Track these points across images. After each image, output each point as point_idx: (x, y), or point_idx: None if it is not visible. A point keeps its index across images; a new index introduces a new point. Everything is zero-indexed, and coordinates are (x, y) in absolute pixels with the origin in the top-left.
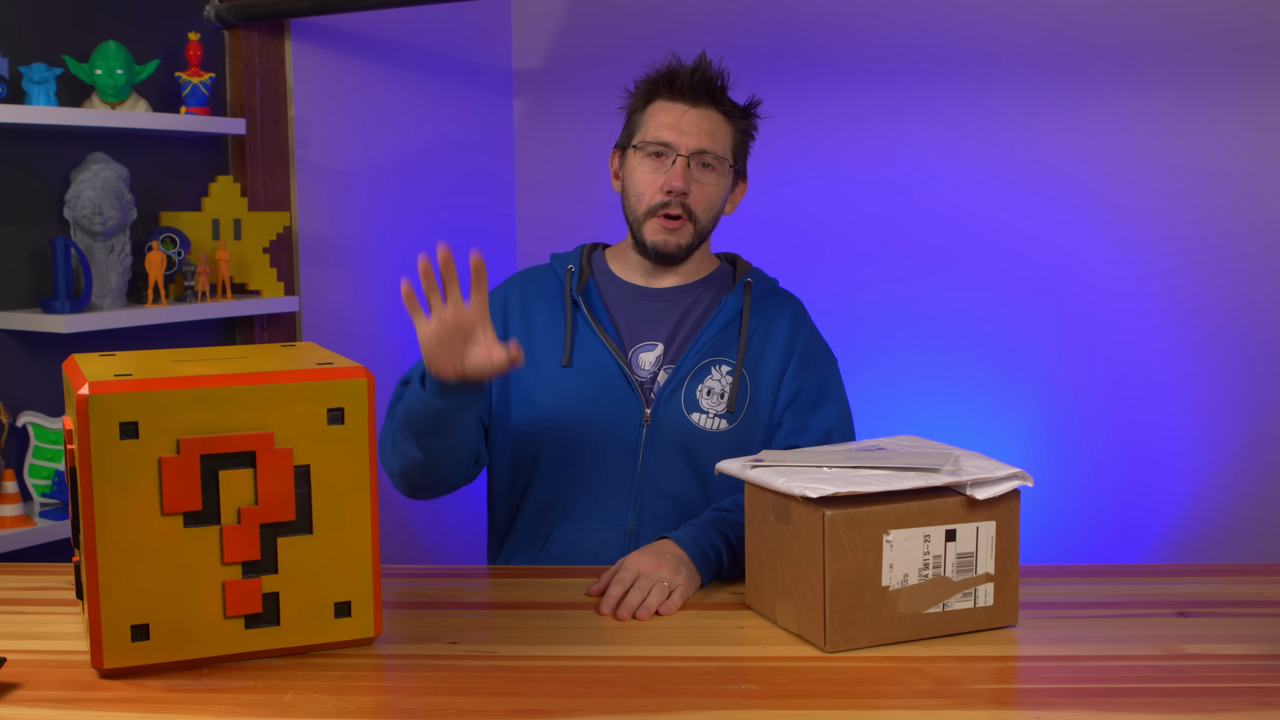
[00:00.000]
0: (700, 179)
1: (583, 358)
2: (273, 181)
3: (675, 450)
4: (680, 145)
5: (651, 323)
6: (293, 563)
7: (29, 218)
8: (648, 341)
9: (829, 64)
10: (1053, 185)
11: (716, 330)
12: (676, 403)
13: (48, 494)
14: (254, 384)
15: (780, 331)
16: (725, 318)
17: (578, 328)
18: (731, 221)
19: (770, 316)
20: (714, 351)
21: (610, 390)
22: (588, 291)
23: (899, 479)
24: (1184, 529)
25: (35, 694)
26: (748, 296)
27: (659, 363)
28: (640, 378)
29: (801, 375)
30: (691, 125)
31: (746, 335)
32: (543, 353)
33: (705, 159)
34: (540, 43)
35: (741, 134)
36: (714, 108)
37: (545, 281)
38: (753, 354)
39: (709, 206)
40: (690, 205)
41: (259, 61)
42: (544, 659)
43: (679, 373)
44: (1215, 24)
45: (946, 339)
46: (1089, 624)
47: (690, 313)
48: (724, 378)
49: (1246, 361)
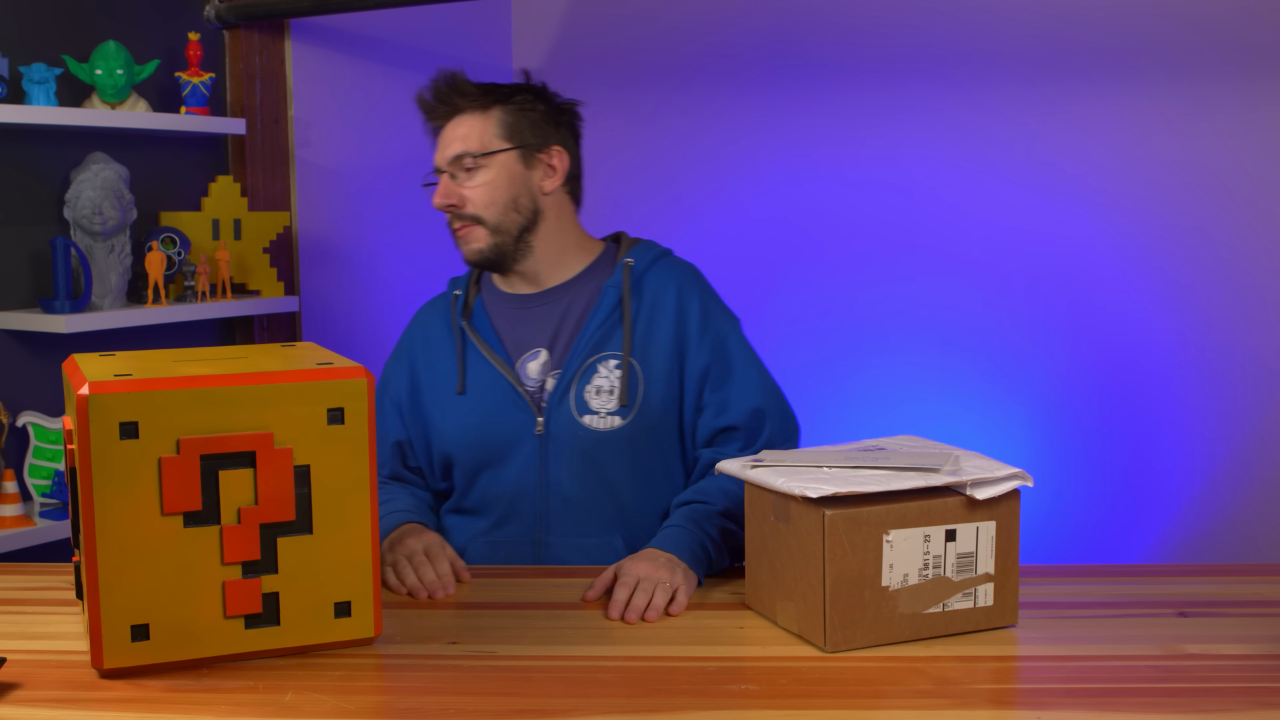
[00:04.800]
0: (467, 182)
1: (474, 381)
2: (273, 181)
3: (574, 457)
4: (440, 162)
5: (535, 329)
6: (293, 563)
7: (29, 218)
8: (533, 350)
9: (829, 64)
10: (1053, 185)
11: (599, 324)
12: (566, 408)
13: (48, 494)
14: (254, 384)
15: (667, 308)
16: (607, 308)
17: (467, 351)
18: (731, 221)
19: (654, 295)
20: (598, 347)
21: (503, 408)
22: (476, 313)
23: (899, 479)
24: (1184, 529)
25: (35, 694)
26: (627, 280)
27: (545, 369)
28: (529, 388)
29: (705, 347)
30: (446, 139)
31: (630, 322)
32: (443, 383)
33: (463, 163)
34: (540, 43)
35: (512, 113)
36: (461, 111)
37: (442, 310)
38: (640, 340)
39: (488, 203)
40: (469, 210)
41: (259, 61)
42: (544, 659)
43: (565, 376)
44: (1215, 24)
45: (946, 339)
46: (1089, 624)
47: (571, 311)
48: (612, 373)
49: (1246, 361)
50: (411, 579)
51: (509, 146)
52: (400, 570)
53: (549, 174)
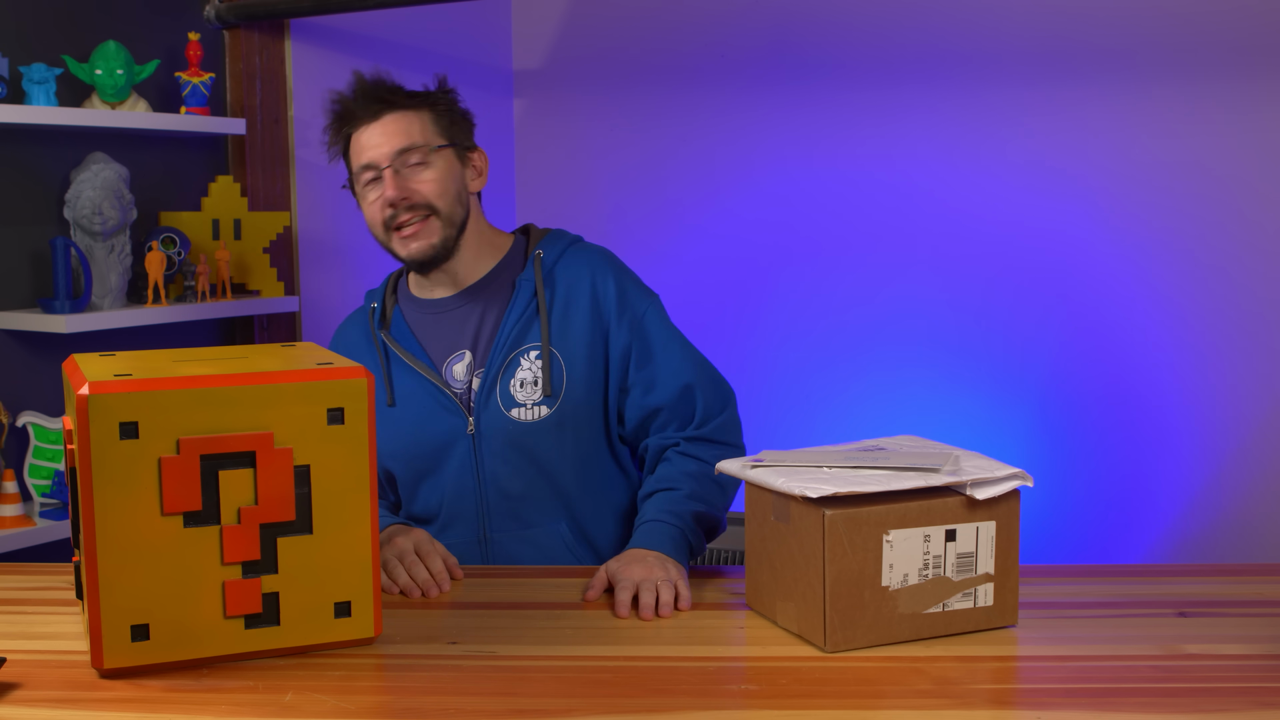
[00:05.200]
0: (416, 176)
1: (403, 392)
2: (273, 181)
3: (508, 450)
4: (379, 159)
5: (455, 332)
6: (293, 563)
7: (29, 218)
8: (456, 352)
9: (828, 64)
10: (1052, 185)
11: (516, 318)
12: (494, 404)
13: (48, 494)
14: (254, 384)
15: (582, 293)
16: (523, 302)
17: (391, 363)
18: (729, 222)
19: (568, 282)
20: (518, 341)
21: (433, 412)
22: (395, 321)
23: (899, 479)
24: (1184, 529)
25: (35, 694)
26: (538, 271)
27: (470, 369)
28: (456, 390)
29: (624, 327)
30: (380, 135)
31: (545, 312)
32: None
33: (409, 157)
34: (540, 43)
35: (440, 113)
36: (391, 110)
37: (362, 325)
38: (557, 329)
39: (439, 193)
40: (424, 201)
41: (259, 61)
42: (544, 659)
43: (489, 373)
44: (1215, 24)
45: (946, 339)
46: (1089, 624)
47: (489, 310)
48: (534, 364)
49: (1246, 361)
50: (404, 578)
51: (448, 144)
52: (392, 570)
53: (475, 175)
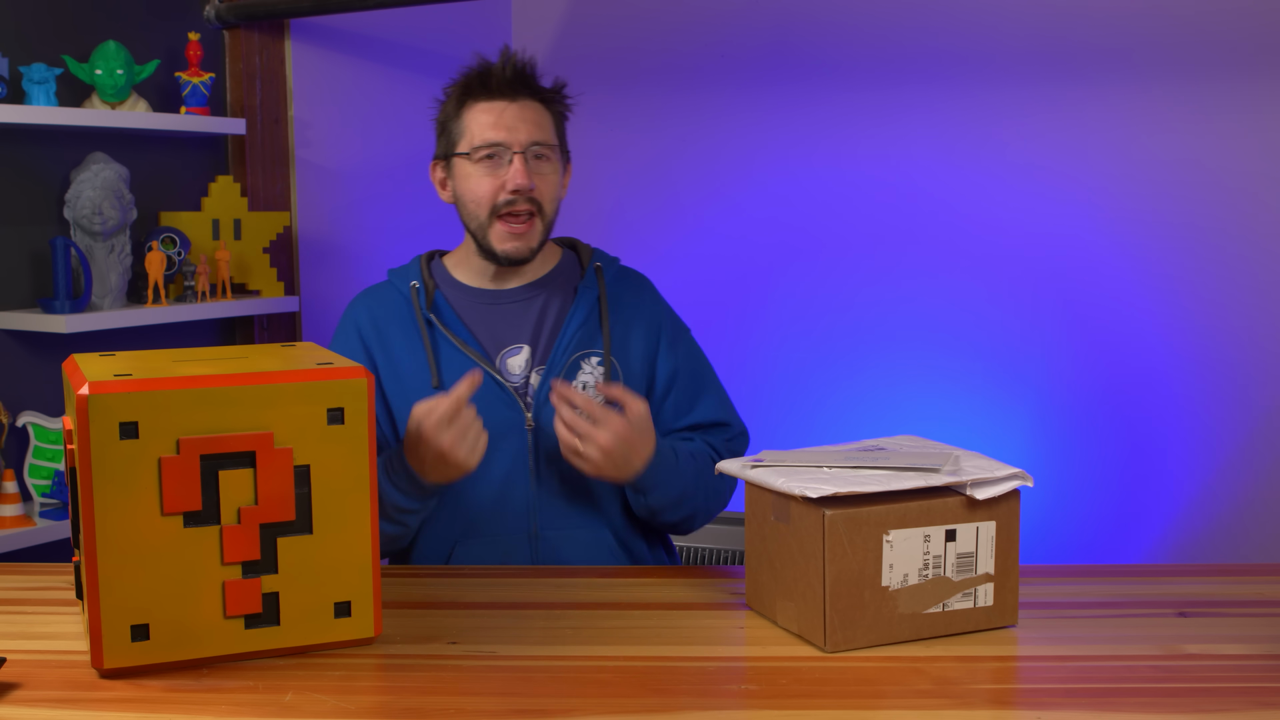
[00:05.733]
0: (538, 171)
1: (451, 374)
2: (273, 181)
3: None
4: (512, 142)
5: (511, 326)
6: (293, 563)
7: (29, 218)
8: (513, 345)
9: (828, 64)
10: (1051, 185)
11: (579, 323)
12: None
13: (48, 494)
14: (254, 384)
15: (640, 313)
16: (585, 308)
17: (438, 345)
18: (730, 222)
19: (627, 301)
20: (581, 345)
21: (487, 403)
22: (437, 305)
23: (899, 479)
24: (1184, 529)
25: (35, 694)
26: (602, 282)
27: (528, 365)
28: (513, 383)
29: (674, 355)
30: (516, 120)
31: (609, 323)
32: (411, 377)
33: (539, 150)
34: (540, 43)
35: (560, 118)
36: (532, 98)
37: (390, 302)
38: (618, 340)
39: (552, 197)
40: (538, 198)
41: (259, 61)
42: (544, 659)
43: (551, 372)
44: (1215, 24)
45: (945, 339)
46: (1089, 624)
47: (549, 309)
48: (595, 369)
49: (1246, 361)
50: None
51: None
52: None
53: (563, 186)
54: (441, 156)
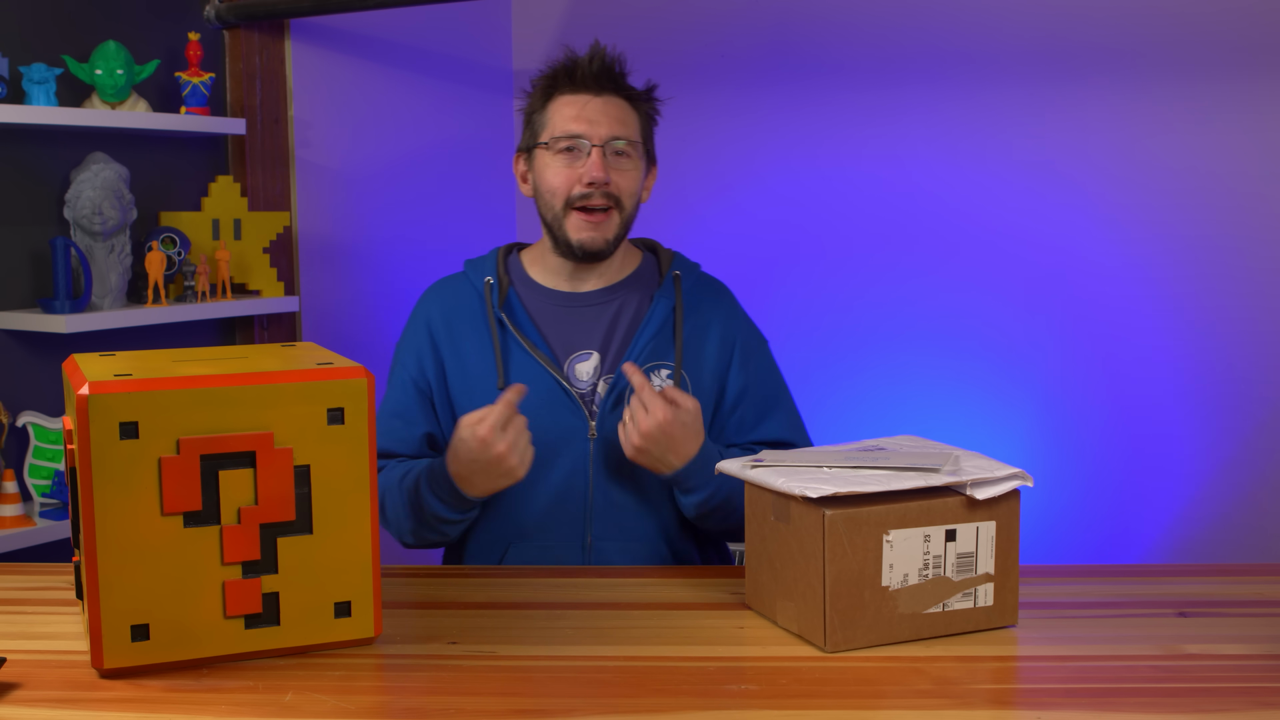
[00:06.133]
0: (617, 166)
1: (518, 377)
2: (273, 181)
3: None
4: (592, 135)
5: (583, 331)
6: (293, 563)
7: (29, 218)
8: (582, 351)
9: (829, 64)
10: (1053, 185)
11: (652, 334)
12: (620, 414)
13: (48, 494)
14: (254, 384)
15: (716, 326)
16: (659, 319)
17: (507, 345)
18: (730, 222)
19: (704, 312)
20: (652, 356)
21: (552, 407)
22: (510, 304)
23: (899, 479)
24: (1184, 529)
25: (35, 694)
26: (679, 292)
27: (596, 373)
28: (580, 390)
29: (746, 371)
30: (599, 114)
31: (683, 336)
32: (476, 375)
33: (619, 146)
34: (540, 43)
35: (647, 118)
36: (617, 94)
37: (463, 296)
38: (691, 354)
39: (630, 194)
40: (615, 193)
41: (259, 61)
42: (544, 659)
43: (619, 383)
44: (1215, 24)
45: (946, 339)
46: (1089, 624)
47: (622, 316)
48: (664, 382)
49: (1246, 361)
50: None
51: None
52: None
53: (646, 186)
54: (524, 148)
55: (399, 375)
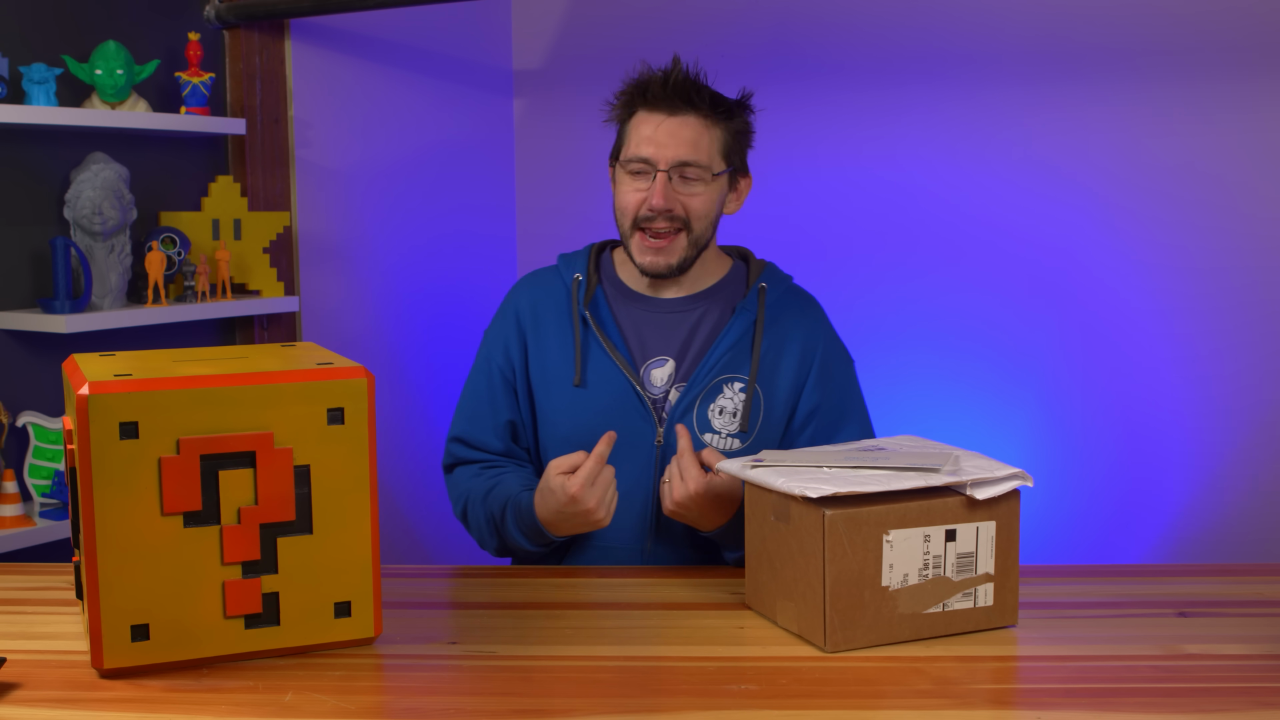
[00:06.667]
0: (685, 190)
1: (595, 376)
2: (273, 181)
3: None
4: (659, 159)
5: (662, 336)
6: (293, 563)
7: (29, 218)
8: (659, 357)
9: (829, 64)
10: (1053, 185)
11: (729, 345)
12: (688, 424)
13: (48, 494)
14: (254, 384)
15: (795, 342)
16: (738, 331)
17: (588, 344)
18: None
19: (785, 326)
20: (727, 368)
21: (623, 410)
22: (596, 303)
23: (899, 479)
24: (1184, 529)
25: (35, 694)
26: (761, 306)
27: (670, 380)
28: (653, 395)
29: (821, 389)
30: (669, 136)
31: (760, 350)
32: (555, 370)
33: (687, 171)
34: (540, 43)
35: (732, 133)
36: (693, 113)
37: (553, 289)
38: (766, 369)
39: (702, 215)
40: (683, 215)
41: (259, 61)
42: (544, 659)
43: (691, 392)
44: (1215, 24)
45: (946, 339)
46: (1089, 624)
47: (701, 326)
48: (737, 395)
49: (1246, 362)
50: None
51: (727, 169)
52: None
53: (734, 199)
54: (611, 160)
55: (484, 363)
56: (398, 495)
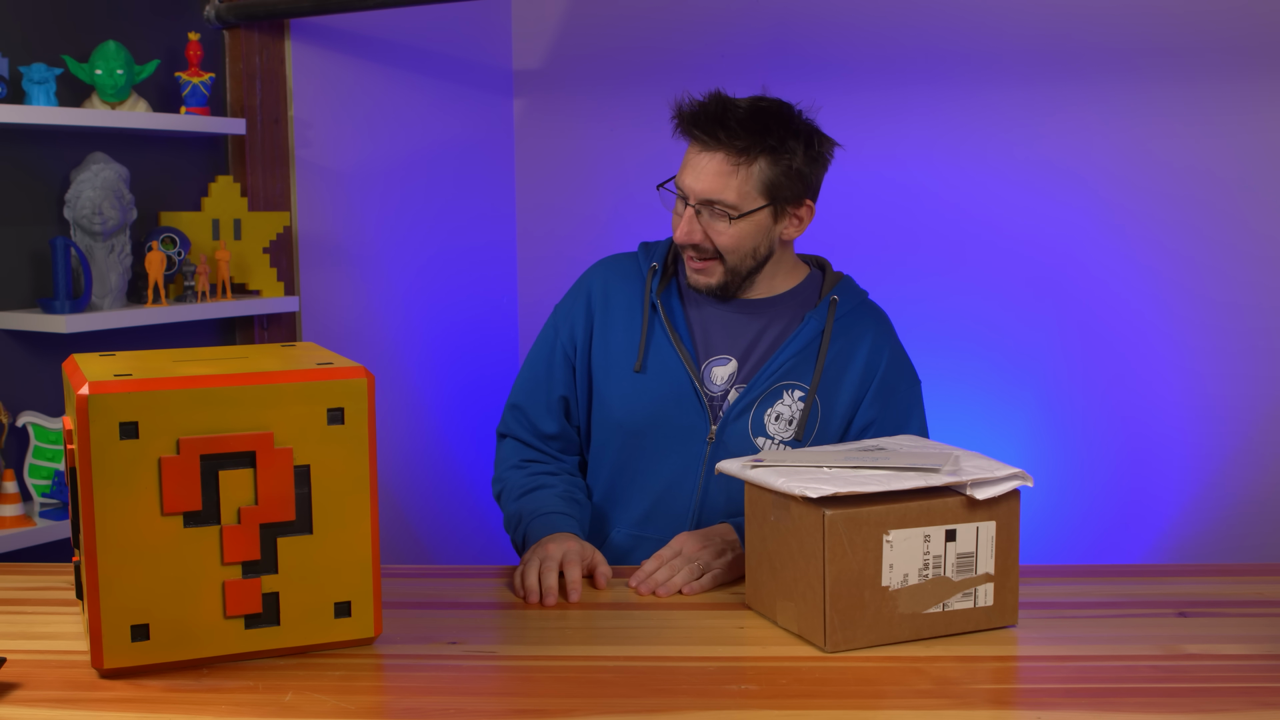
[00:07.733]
0: (713, 225)
1: (656, 365)
2: (273, 181)
3: None
4: (689, 193)
5: (728, 335)
6: (293, 563)
7: (29, 218)
8: (721, 355)
9: (829, 64)
10: (1054, 185)
11: (794, 353)
12: (743, 425)
13: (48, 494)
14: (254, 384)
15: (860, 356)
16: (804, 339)
17: (654, 332)
18: None
19: (852, 340)
20: (788, 375)
21: (679, 402)
22: (668, 293)
23: (899, 479)
24: (1184, 529)
25: (35, 694)
26: (831, 317)
27: (731, 380)
28: (711, 393)
29: (878, 405)
30: (700, 171)
31: (824, 361)
32: (617, 353)
33: (713, 208)
34: (540, 43)
35: (774, 167)
36: (720, 149)
37: (629, 275)
38: (829, 380)
39: (732, 249)
40: (710, 248)
41: (259, 61)
42: (544, 659)
43: (750, 394)
44: (1215, 24)
45: (947, 339)
46: (1089, 624)
47: (768, 330)
48: (795, 403)
49: (1246, 362)
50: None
51: (764, 204)
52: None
53: (793, 225)
54: None
55: (550, 334)
56: (398, 495)
